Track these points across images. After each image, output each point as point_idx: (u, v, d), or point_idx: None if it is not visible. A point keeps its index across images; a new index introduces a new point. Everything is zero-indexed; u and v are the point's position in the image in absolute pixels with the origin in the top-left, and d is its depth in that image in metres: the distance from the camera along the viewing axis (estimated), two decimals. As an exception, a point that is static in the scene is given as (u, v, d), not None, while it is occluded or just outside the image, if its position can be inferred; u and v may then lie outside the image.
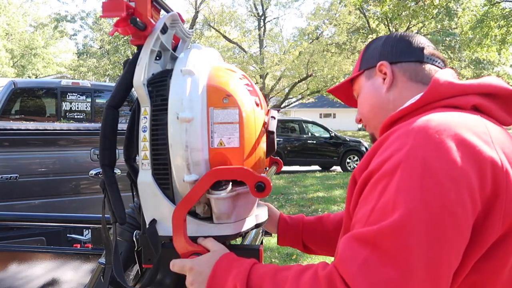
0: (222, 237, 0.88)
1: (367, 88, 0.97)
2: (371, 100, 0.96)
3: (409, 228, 0.63)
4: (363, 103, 0.99)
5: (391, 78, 0.92)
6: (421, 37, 0.97)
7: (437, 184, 0.65)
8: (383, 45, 0.96)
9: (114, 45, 23.40)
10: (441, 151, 0.67)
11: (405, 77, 0.92)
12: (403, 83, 0.91)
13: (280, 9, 42.70)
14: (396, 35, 0.97)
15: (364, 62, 0.99)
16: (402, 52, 0.93)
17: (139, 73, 0.90)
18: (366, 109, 0.98)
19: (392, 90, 0.92)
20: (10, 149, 3.21)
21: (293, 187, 8.77)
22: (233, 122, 0.85)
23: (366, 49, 1.02)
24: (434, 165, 0.66)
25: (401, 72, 0.92)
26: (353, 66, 12.99)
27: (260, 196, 0.83)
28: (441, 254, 0.64)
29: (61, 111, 5.48)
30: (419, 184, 0.65)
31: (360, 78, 1.00)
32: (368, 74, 0.97)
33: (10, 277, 1.87)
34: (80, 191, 3.54)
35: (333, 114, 37.88)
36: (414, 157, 0.67)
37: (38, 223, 2.24)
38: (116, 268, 0.94)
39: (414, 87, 0.90)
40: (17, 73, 28.47)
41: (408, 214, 0.64)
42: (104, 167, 0.93)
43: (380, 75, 0.94)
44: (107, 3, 0.86)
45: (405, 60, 0.92)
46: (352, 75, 1.03)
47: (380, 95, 0.94)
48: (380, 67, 0.93)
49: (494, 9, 14.60)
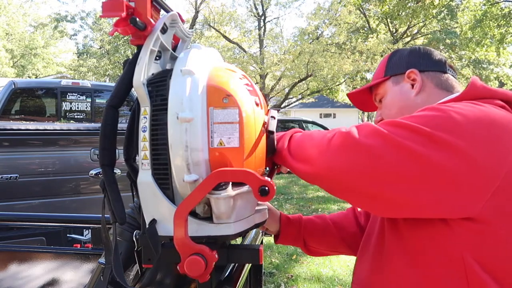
0: (222, 237, 0.88)
1: (395, 92, 1.08)
2: (400, 103, 1.07)
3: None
4: (390, 105, 1.09)
5: (421, 84, 1.05)
6: (438, 52, 1.14)
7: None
8: (410, 56, 1.10)
9: (114, 45, 23.40)
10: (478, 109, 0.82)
11: (432, 83, 1.05)
12: (430, 89, 1.04)
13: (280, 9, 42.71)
14: (420, 49, 1.11)
15: (389, 69, 1.11)
16: (429, 62, 1.07)
17: (139, 73, 0.89)
18: (394, 111, 1.07)
19: (420, 95, 1.04)
20: (10, 149, 3.21)
21: (293, 187, 8.76)
22: (233, 122, 0.85)
23: (390, 58, 1.14)
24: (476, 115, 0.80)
25: (428, 79, 1.05)
26: (353, 66, 13.51)
27: (264, 200, 0.83)
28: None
29: (61, 111, 5.48)
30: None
31: (385, 83, 1.11)
32: (396, 80, 1.09)
33: (10, 277, 1.87)
34: (80, 191, 3.54)
35: (333, 114, 37.88)
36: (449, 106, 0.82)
37: (38, 223, 2.24)
38: (116, 268, 0.94)
39: (439, 93, 1.03)
40: (17, 73, 28.46)
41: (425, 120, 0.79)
42: (104, 167, 0.93)
43: (409, 81, 1.06)
44: (107, 3, 0.86)
45: (432, 70, 1.06)
46: (376, 80, 1.13)
47: (408, 98, 1.05)
48: (410, 74, 1.06)
49: (493, 9, 14.60)
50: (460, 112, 0.79)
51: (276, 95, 26.11)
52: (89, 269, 1.79)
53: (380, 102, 1.13)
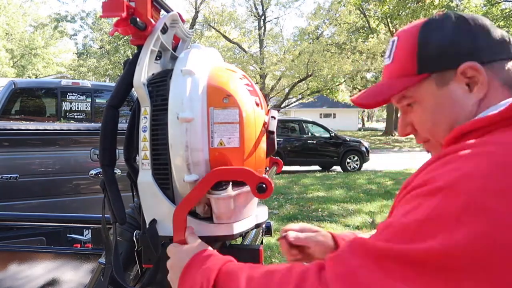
0: (222, 237, 0.88)
1: (442, 98, 0.73)
2: (451, 115, 0.72)
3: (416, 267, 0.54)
4: (430, 116, 0.75)
5: (486, 86, 0.70)
6: (492, 23, 0.76)
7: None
8: (458, 35, 0.72)
9: (114, 45, 23.42)
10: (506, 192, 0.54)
11: (498, 82, 0.71)
12: (495, 90, 0.71)
13: (280, 9, 42.71)
14: (471, 20, 0.73)
15: (426, 60, 0.73)
16: (491, 46, 0.71)
17: (139, 73, 0.90)
18: (442, 127, 0.74)
19: (483, 101, 0.71)
20: (10, 149, 3.20)
21: (293, 187, 8.76)
22: (233, 122, 0.85)
23: (424, 37, 0.74)
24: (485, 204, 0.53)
25: (493, 75, 0.71)
26: (353, 66, 12.60)
27: (262, 197, 0.83)
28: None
29: (61, 111, 5.47)
30: (455, 219, 0.54)
31: (421, 84, 0.74)
32: (441, 79, 0.72)
33: (10, 277, 1.87)
34: (80, 191, 3.54)
35: (333, 114, 37.91)
36: (464, 183, 0.56)
37: (38, 223, 2.24)
38: (116, 268, 0.94)
39: (507, 95, 0.71)
40: (17, 73, 28.46)
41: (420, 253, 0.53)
42: (104, 167, 0.93)
43: (463, 79, 0.71)
44: (107, 3, 0.86)
45: (498, 58, 0.71)
46: (405, 84, 0.75)
47: (465, 107, 0.71)
48: (466, 69, 0.70)
49: (494, 9, 14.61)
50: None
51: (276, 95, 26.13)
52: (89, 269, 1.79)
53: (409, 106, 0.78)
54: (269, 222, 1.35)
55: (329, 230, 1.01)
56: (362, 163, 12.29)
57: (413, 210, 0.57)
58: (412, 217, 0.57)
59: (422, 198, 0.58)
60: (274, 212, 6.22)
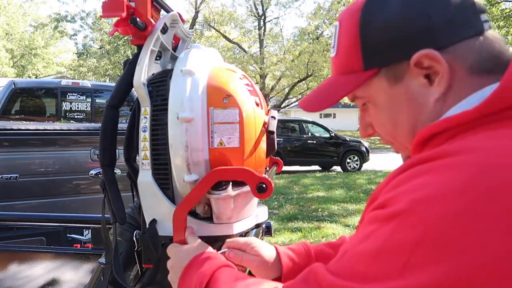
0: (222, 237, 0.88)
1: (397, 97, 0.59)
2: (411, 115, 0.59)
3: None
4: (390, 117, 0.62)
5: (449, 76, 0.54)
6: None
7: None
8: (405, 13, 0.55)
9: (114, 45, 23.40)
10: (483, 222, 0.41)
11: (464, 69, 0.55)
12: (461, 79, 0.55)
13: (280, 9, 42.69)
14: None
15: (370, 54, 0.59)
16: (451, 22, 0.54)
17: (139, 73, 0.90)
18: (403, 129, 0.61)
19: (448, 95, 0.56)
20: (10, 149, 3.20)
21: (293, 187, 8.76)
22: (233, 122, 0.85)
23: (366, 26, 0.58)
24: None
25: (457, 61, 0.54)
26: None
27: (262, 197, 0.83)
28: None
29: (61, 111, 5.47)
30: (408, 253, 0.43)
31: (371, 82, 0.60)
32: (392, 74, 0.58)
33: (10, 277, 1.87)
34: (80, 191, 3.54)
35: (333, 114, 37.89)
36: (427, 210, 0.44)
37: (38, 223, 2.24)
38: (116, 268, 0.94)
39: (477, 83, 0.55)
40: (17, 73, 28.46)
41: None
42: (104, 167, 0.93)
43: (419, 72, 0.56)
44: (107, 3, 0.86)
45: (462, 38, 0.54)
46: (352, 84, 0.61)
47: (427, 104, 0.57)
48: (421, 59, 0.54)
49: (494, 9, 14.60)
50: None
51: (276, 95, 26.12)
52: (89, 269, 1.79)
53: (365, 105, 0.66)
54: (269, 222, 1.35)
55: (275, 245, 0.88)
56: (362, 163, 12.29)
57: (369, 237, 0.49)
58: (365, 247, 0.48)
59: (379, 223, 0.48)
60: (274, 212, 6.22)
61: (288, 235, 4.92)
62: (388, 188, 0.51)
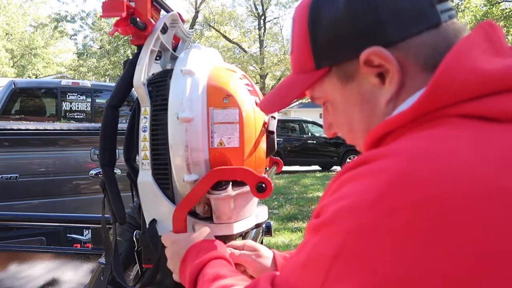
0: (222, 237, 0.88)
1: (350, 97, 0.56)
2: (364, 116, 0.56)
3: None
4: (346, 117, 0.58)
5: (400, 75, 0.51)
6: None
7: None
8: (351, 6, 0.52)
9: (114, 45, 23.41)
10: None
11: (417, 65, 0.51)
12: (414, 77, 0.51)
13: (280, 9, 42.67)
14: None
15: (320, 52, 0.55)
16: (400, 15, 0.50)
17: (139, 73, 0.90)
18: (358, 131, 0.57)
19: (401, 95, 0.52)
20: (10, 149, 3.20)
21: (293, 187, 8.76)
22: (233, 122, 0.85)
23: (314, 22, 0.55)
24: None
25: (409, 57, 0.51)
26: None
27: (261, 197, 0.83)
28: None
29: (61, 111, 5.48)
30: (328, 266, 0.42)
31: (325, 81, 0.57)
32: (343, 73, 0.55)
33: (10, 277, 1.87)
34: (80, 191, 3.54)
35: (333, 114, 37.84)
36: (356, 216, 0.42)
37: (38, 223, 2.24)
38: (115, 268, 0.94)
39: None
40: (17, 73, 28.46)
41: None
42: (104, 167, 0.93)
43: (370, 70, 0.52)
44: (107, 3, 0.86)
45: (414, 32, 0.50)
46: (306, 83, 0.58)
47: (379, 105, 0.53)
48: (370, 57, 0.51)
49: (494, 9, 14.61)
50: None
51: (276, 95, 26.07)
52: (89, 269, 1.79)
53: (325, 105, 0.62)
54: (269, 222, 1.35)
55: (273, 249, 0.90)
56: (362, 163, 12.29)
57: (303, 248, 0.48)
58: (298, 258, 0.48)
59: (311, 233, 0.47)
60: (274, 212, 6.22)
61: (288, 235, 4.92)
62: (325, 195, 0.49)
